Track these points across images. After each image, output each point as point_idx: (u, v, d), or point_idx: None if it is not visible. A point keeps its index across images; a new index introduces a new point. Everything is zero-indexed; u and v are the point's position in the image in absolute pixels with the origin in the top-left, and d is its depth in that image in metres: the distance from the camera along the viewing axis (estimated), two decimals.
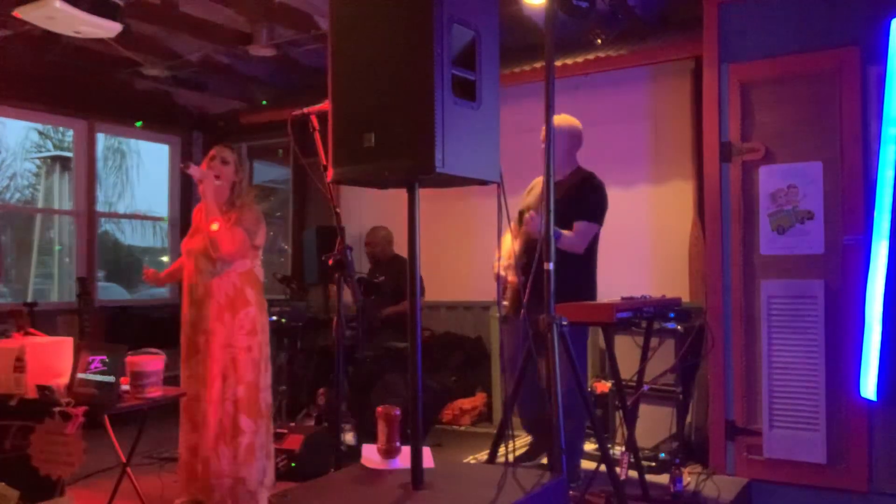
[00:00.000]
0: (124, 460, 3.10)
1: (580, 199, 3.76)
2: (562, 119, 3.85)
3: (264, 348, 3.60)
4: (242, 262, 3.58)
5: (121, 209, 12.95)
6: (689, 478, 3.76)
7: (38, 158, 11.80)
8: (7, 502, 2.70)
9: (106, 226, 12.43)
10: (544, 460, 3.81)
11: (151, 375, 3.04)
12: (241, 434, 3.44)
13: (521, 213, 3.86)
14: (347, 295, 2.91)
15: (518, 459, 3.68)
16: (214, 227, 3.46)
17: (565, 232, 3.62)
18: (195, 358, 3.48)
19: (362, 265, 5.81)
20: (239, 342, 3.48)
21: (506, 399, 3.34)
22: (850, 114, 3.70)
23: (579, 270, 3.75)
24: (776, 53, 3.89)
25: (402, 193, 2.07)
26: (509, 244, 3.83)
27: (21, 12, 3.98)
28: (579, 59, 5.07)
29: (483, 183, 2.13)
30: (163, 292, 7.76)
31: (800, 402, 3.76)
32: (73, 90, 6.49)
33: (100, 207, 7.14)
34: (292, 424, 4.53)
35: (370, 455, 2.27)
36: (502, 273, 3.77)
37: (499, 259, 3.73)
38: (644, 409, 3.95)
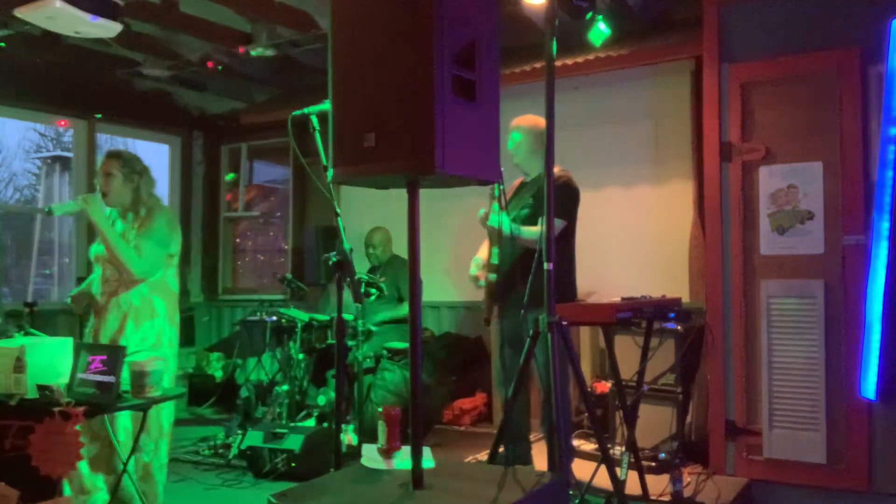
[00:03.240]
0: (124, 460, 3.09)
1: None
2: (528, 120, 3.87)
3: (171, 362, 3.40)
4: (141, 279, 3.35)
5: None
6: (689, 478, 3.76)
7: (38, 158, 11.81)
8: (7, 502, 2.70)
9: None
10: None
11: (151, 375, 3.03)
12: (138, 451, 3.21)
13: None
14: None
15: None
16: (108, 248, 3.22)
17: (531, 228, 3.61)
18: None
19: (361, 266, 5.81)
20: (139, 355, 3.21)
21: (505, 400, 3.34)
22: (850, 114, 3.70)
23: (556, 270, 3.75)
24: (776, 53, 3.89)
25: (402, 193, 2.06)
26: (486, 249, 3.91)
27: (21, 12, 3.98)
28: (579, 59, 5.07)
29: (483, 183, 2.13)
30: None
31: (800, 402, 3.76)
32: (73, 90, 6.49)
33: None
34: (292, 424, 4.52)
35: (370, 455, 2.27)
36: (479, 275, 3.81)
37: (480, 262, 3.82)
38: (644, 409, 3.95)
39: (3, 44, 5.39)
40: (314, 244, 6.37)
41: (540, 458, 3.78)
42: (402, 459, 2.19)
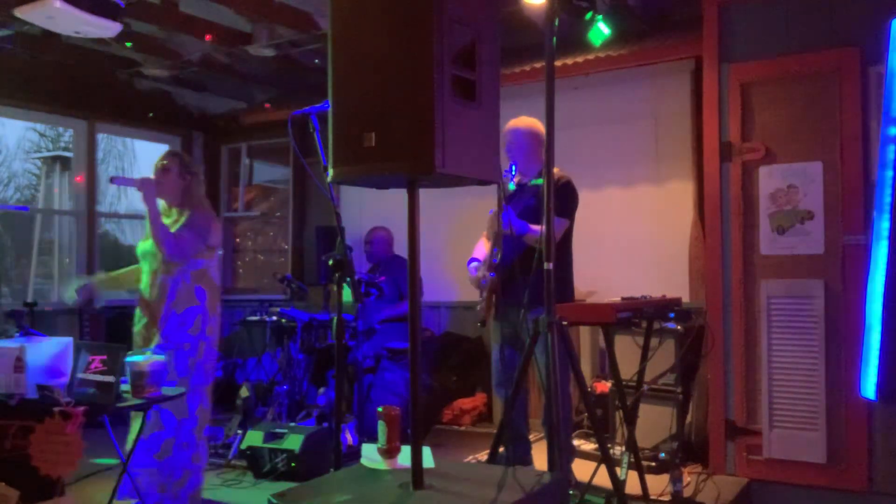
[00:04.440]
0: (124, 460, 3.09)
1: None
2: (527, 122, 3.87)
3: (208, 349, 3.61)
4: (196, 262, 3.60)
5: (121, 209, 12.96)
6: (689, 478, 3.76)
7: (38, 158, 11.81)
8: (7, 502, 2.70)
9: (106, 226, 12.44)
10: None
11: (151, 375, 3.03)
12: (159, 428, 3.44)
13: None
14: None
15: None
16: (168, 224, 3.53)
17: (535, 227, 3.62)
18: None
19: (362, 265, 5.81)
20: (178, 339, 3.51)
21: (505, 400, 3.34)
22: (850, 114, 3.70)
23: (556, 270, 3.76)
24: (776, 53, 3.89)
25: (402, 193, 2.06)
26: (484, 249, 3.91)
27: (21, 12, 3.98)
28: (579, 59, 5.07)
29: (483, 183, 2.13)
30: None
31: (800, 402, 3.76)
32: (73, 90, 6.49)
33: (100, 207, 7.14)
34: (292, 424, 4.52)
35: (370, 455, 2.26)
36: (481, 275, 3.82)
37: (477, 262, 3.82)
38: (644, 409, 3.95)
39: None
40: (314, 244, 6.37)
41: (540, 458, 3.78)
42: (402, 459, 2.19)
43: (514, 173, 3.80)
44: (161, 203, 3.66)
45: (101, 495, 3.38)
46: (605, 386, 4.62)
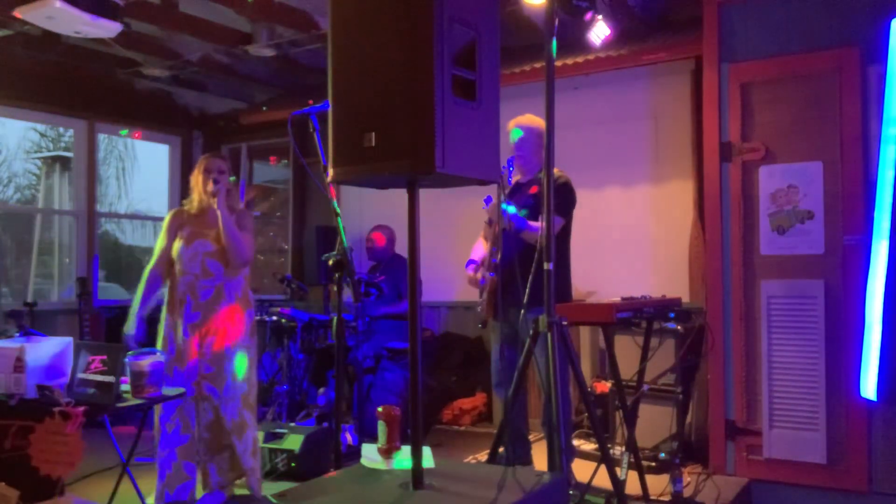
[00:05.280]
0: (124, 460, 3.09)
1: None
2: (529, 119, 3.88)
3: (255, 347, 3.78)
4: (247, 266, 3.74)
5: (121, 209, 12.97)
6: (689, 478, 3.76)
7: (39, 158, 11.80)
8: (7, 502, 2.70)
9: (106, 226, 12.44)
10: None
11: (151, 375, 3.04)
12: (248, 428, 3.61)
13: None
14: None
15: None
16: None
17: (533, 224, 3.62)
18: (192, 359, 3.57)
19: (362, 265, 5.81)
20: (245, 342, 3.65)
21: (506, 400, 3.34)
22: (850, 114, 3.70)
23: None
24: (776, 53, 3.89)
25: (402, 193, 2.06)
26: (482, 249, 3.91)
27: (21, 12, 3.98)
28: (579, 59, 5.07)
29: (483, 183, 2.13)
30: (163, 292, 7.73)
31: (800, 402, 3.76)
32: (73, 90, 6.49)
33: (100, 207, 7.14)
34: (292, 424, 4.52)
35: (370, 455, 2.26)
36: (480, 275, 3.83)
37: (475, 265, 3.82)
38: (644, 409, 3.95)
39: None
40: (314, 244, 6.38)
41: (540, 458, 3.78)
42: (402, 459, 2.19)
43: (511, 171, 3.80)
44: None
45: (100, 495, 3.39)
46: (605, 386, 4.62)
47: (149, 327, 3.79)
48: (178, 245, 3.66)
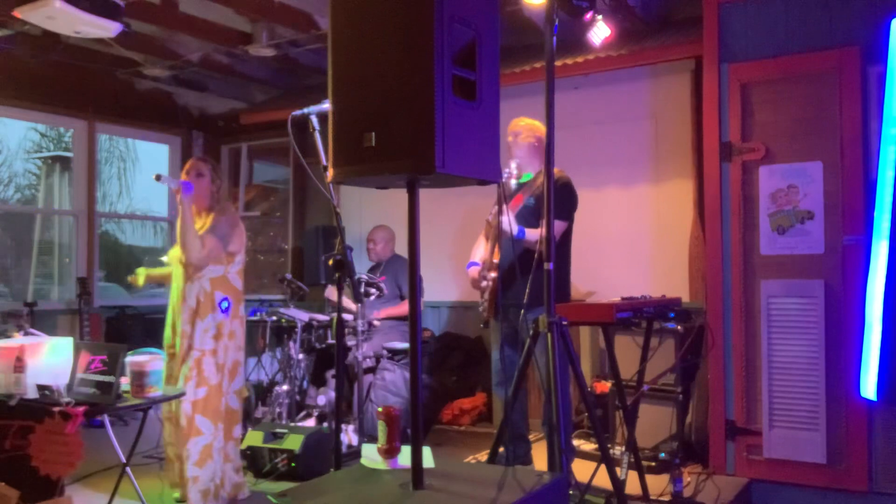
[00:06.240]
0: (124, 460, 3.09)
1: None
2: (528, 121, 3.90)
3: (231, 353, 3.70)
4: (215, 268, 3.67)
5: (121, 209, 12.97)
6: (689, 478, 3.76)
7: (39, 158, 11.80)
8: (7, 502, 2.70)
9: (106, 226, 12.43)
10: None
11: (151, 375, 3.04)
12: (198, 434, 3.54)
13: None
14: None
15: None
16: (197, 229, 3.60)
17: (536, 231, 3.63)
18: (172, 360, 3.64)
19: (362, 265, 5.81)
20: (203, 345, 3.59)
21: (506, 400, 3.34)
22: (850, 114, 3.70)
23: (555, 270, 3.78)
24: (776, 53, 3.89)
25: (402, 193, 2.06)
26: (483, 250, 3.91)
27: (21, 12, 3.98)
28: (579, 59, 5.07)
29: (483, 183, 2.13)
30: (163, 293, 7.74)
31: (800, 402, 3.76)
32: (73, 90, 6.49)
33: (100, 207, 7.14)
34: (292, 424, 4.52)
35: (370, 455, 2.27)
36: (482, 276, 3.83)
37: (476, 266, 3.86)
38: (644, 409, 3.95)
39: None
40: (314, 244, 6.38)
41: (540, 458, 3.78)
42: (402, 459, 2.19)
43: (514, 172, 3.81)
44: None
45: (100, 495, 3.39)
46: (605, 386, 4.62)
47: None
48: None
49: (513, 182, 3.83)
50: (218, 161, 7.67)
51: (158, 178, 3.62)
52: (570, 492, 3.04)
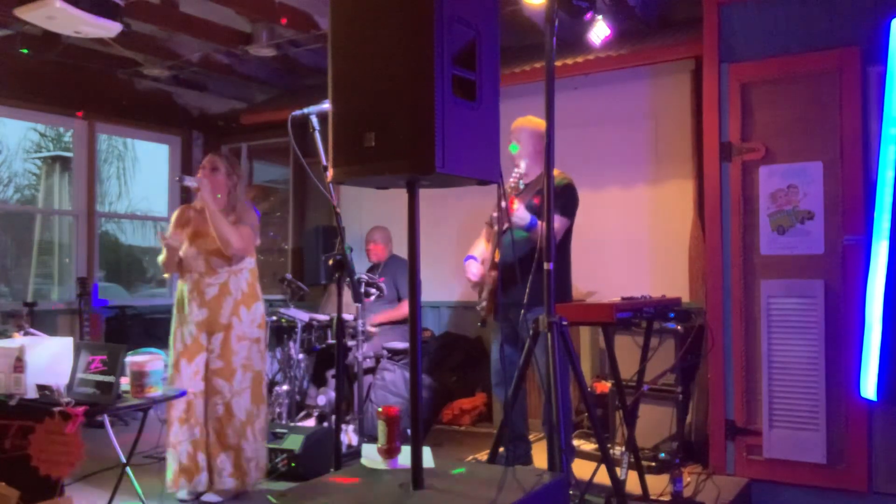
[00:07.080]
0: (124, 460, 3.10)
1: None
2: (531, 121, 3.88)
3: (266, 340, 3.93)
4: (250, 260, 3.82)
5: (121, 209, 12.97)
6: (689, 478, 3.76)
7: (38, 158, 11.80)
8: (7, 502, 2.70)
9: (106, 226, 12.43)
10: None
11: (151, 375, 3.04)
12: (257, 419, 3.79)
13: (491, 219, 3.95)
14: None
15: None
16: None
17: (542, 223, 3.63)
18: (200, 354, 3.66)
19: (362, 265, 5.81)
20: (253, 334, 3.76)
21: (506, 400, 3.34)
22: (850, 114, 3.70)
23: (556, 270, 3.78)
24: (776, 53, 3.89)
25: (402, 193, 2.06)
26: (482, 248, 3.92)
27: (21, 12, 3.98)
28: (579, 59, 5.07)
29: (483, 183, 2.13)
30: (163, 292, 7.75)
31: (800, 402, 3.76)
32: (73, 90, 6.49)
33: (99, 207, 7.13)
34: (292, 424, 4.52)
35: (370, 455, 2.27)
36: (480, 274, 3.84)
37: (474, 260, 3.86)
38: (644, 409, 3.95)
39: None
40: (314, 244, 6.38)
41: (540, 458, 3.78)
42: (403, 459, 2.19)
43: (524, 172, 3.81)
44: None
45: (100, 495, 3.39)
46: (605, 386, 4.62)
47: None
48: (184, 244, 3.72)
49: (521, 183, 3.83)
50: None
51: (180, 179, 3.71)
52: (570, 492, 3.04)
